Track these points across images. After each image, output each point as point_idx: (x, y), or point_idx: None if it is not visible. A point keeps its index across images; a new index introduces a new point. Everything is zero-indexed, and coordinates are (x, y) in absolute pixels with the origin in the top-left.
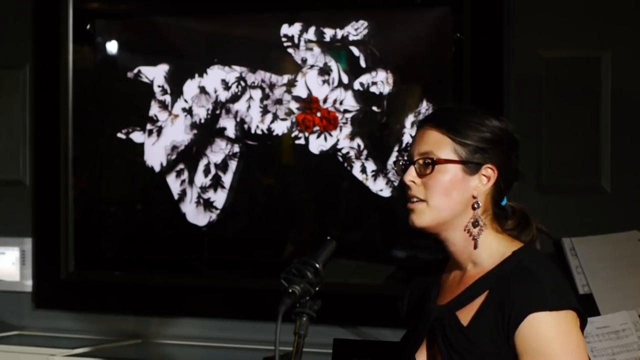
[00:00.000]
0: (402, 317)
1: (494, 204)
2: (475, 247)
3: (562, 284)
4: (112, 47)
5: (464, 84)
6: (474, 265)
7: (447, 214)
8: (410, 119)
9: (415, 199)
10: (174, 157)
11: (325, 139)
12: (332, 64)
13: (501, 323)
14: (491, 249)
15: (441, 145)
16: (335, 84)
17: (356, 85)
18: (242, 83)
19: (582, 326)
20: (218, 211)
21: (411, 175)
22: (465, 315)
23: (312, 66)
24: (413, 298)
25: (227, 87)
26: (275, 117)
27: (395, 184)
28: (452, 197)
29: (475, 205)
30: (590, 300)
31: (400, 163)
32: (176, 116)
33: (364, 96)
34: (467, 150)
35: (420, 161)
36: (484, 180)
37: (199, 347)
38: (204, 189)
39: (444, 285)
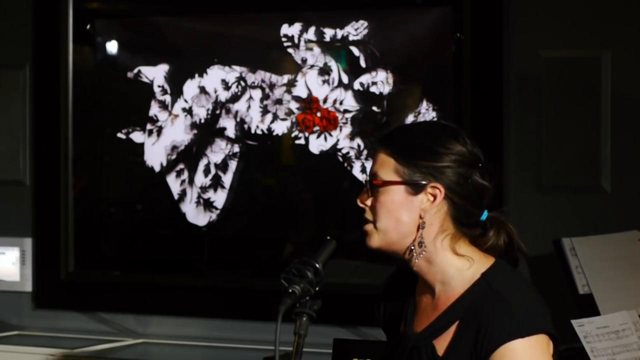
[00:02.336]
0: (381, 327)
1: (456, 223)
2: (433, 266)
3: (533, 307)
4: (112, 47)
5: (464, 84)
6: (443, 285)
7: (394, 235)
8: (410, 119)
9: (365, 221)
10: (174, 157)
11: (325, 139)
12: (332, 64)
13: (474, 353)
14: (456, 269)
15: (385, 166)
16: (335, 84)
17: (356, 85)
18: (242, 83)
19: (555, 347)
20: (218, 211)
21: (361, 197)
22: (441, 344)
23: (312, 66)
24: (389, 309)
25: (227, 87)
26: (275, 117)
27: None
28: (398, 218)
29: (422, 226)
30: (590, 300)
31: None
32: (176, 116)
33: (364, 96)
34: (410, 170)
35: (367, 183)
36: (430, 199)
37: (199, 347)
38: (204, 189)
39: (418, 306)
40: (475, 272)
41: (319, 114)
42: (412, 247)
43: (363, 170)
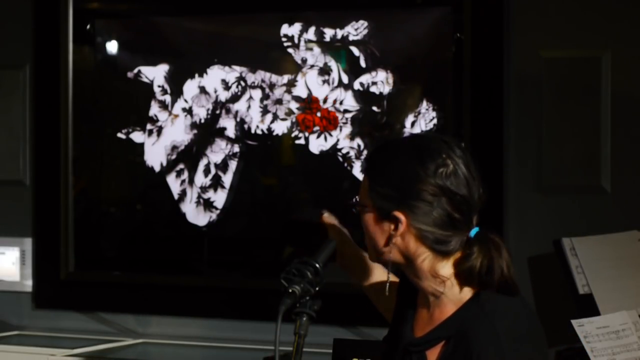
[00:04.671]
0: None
1: (431, 247)
2: (423, 280)
3: (522, 333)
4: (112, 47)
5: (464, 84)
6: (435, 299)
7: (377, 254)
8: (410, 119)
9: None
10: (174, 157)
11: (325, 139)
12: (332, 64)
13: None
14: (446, 287)
15: (363, 188)
16: (335, 84)
17: (356, 85)
18: (242, 83)
19: None
20: (218, 211)
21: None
22: (432, 356)
23: (312, 66)
24: (402, 292)
25: (227, 87)
26: (275, 117)
27: None
28: (373, 239)
29: (388, 252)
30: (590, 300)
31: None
32: (176, 116)
33: (364, 96)
34: (378, 196)
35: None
36: (392, 226)
37: (199, 347)
38: (204, 189)
39: (417, 310)
40: (466, 291)
41: (319, 114)
42: (387, 266)
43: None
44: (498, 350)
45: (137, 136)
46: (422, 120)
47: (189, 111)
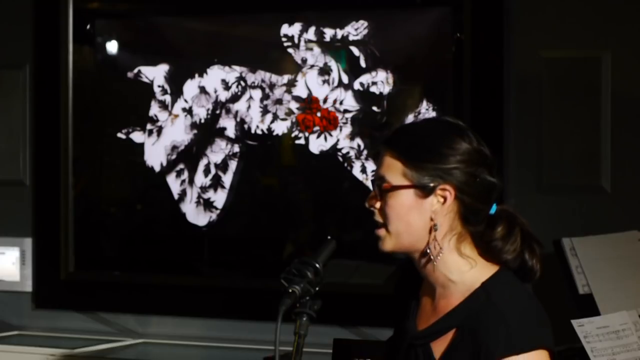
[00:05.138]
0: (393, 300)
1: (464, 221)
2: (441, 264)
3: (532, 321)
4: (112, 47)
5: (464, 84)
6: (443, 289)
7: (407, 239)
8: (410, 119)
9: (377, 224)
10: (174, 157)
11: (325, 139)
12: (332, 64)
13: None
14: (458, 271)
15: (392, 169)
16: (335, 84)
17: (356, 85)
18: (242, 83)
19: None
20: (218, 211)
21: (371, 200)
22: (438, 348)
23: (312, 66)
24: (403, 288)
25: (227, 87)
26: (275, 117)
27: None
28: (409, 222)
29: (435, 228)
30: (590, 300)
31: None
32: (176, 116)
33: (364, 96)
34: (418, 173)
35: (376, 186)
36: (440, 201)
37: (199, 347)
38: (204, 189)
39: (421, 304)
40: (474, 279)
41: (319, 114)
42: (428, 251)
43: (363, 170)
44: (507, 340)
45: (137, 136)
46: (425, 118)
47: (189, 111)
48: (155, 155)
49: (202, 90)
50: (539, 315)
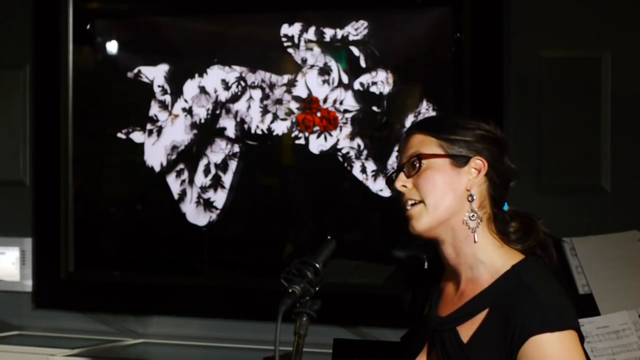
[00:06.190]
0: (406, 310)
1: (492, 202)
2: (475, 241)
3: (563, 303)
4: (112, 47)
5: (464, 84)
6: (471, 271)
7: (444, 211)
8: (410, 119)
9: (410, 203)
10: (174, 157)
11: (325, 139)
12: (332, 64)
13: (503, 344)
14: (487, 252)
15: (426, 143)
16: (335, 84)
17: (356, 85)
18: (242, 83)
19: (581, 344)
20: (218, 211)
21: (401, 180)
22: (466, 332)
23: (312, 66)
24: (417, 296)
25: (227, 87)
26: (275, 117)
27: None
28: (445, 192)
29: (470, 198)
30: (590, 300)
31: (392, 175)
32: (176, 116)
33: (364, 96)
34: (452, 145)
35: (409, 164)
36: (474, 172)
37: (199, 347)
38: (204, 189)
39: (442, 293)
40: (504, 262)
41: (319, 114)
42: (467, 220)
43: (363, 170)
44: (543, 318)
45: (137, 136)
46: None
47: (189, 111)
48: (155, 155)
49: (202, 90)
50: (566, 300)
